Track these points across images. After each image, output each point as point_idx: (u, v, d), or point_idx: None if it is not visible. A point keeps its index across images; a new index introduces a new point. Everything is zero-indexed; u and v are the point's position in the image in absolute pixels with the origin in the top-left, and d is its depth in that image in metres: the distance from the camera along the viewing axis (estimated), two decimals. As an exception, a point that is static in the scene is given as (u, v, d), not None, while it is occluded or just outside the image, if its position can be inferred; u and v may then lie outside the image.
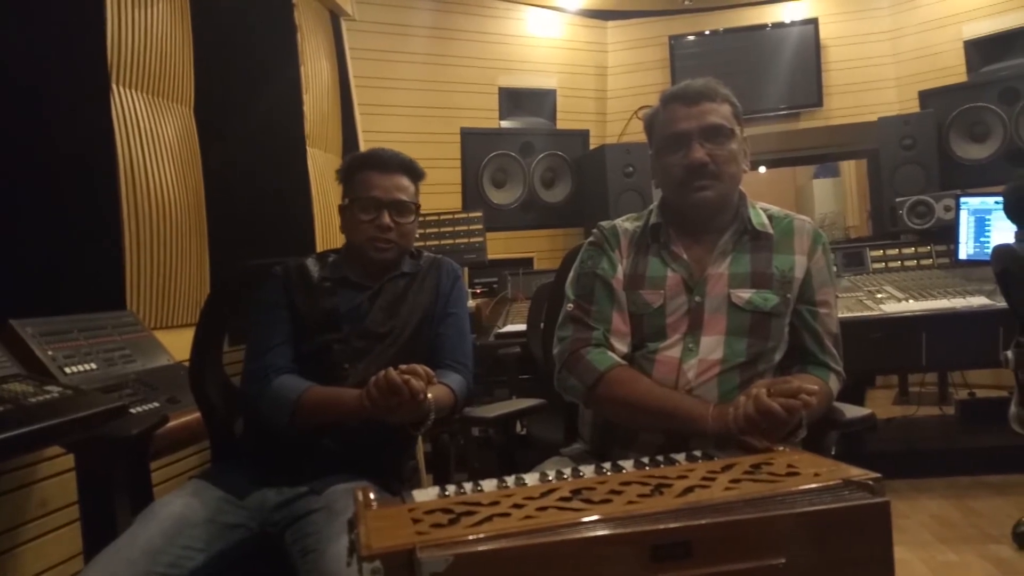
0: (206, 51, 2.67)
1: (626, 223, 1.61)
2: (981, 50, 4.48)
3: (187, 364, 1.79)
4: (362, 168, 1.72)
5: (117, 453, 1.59)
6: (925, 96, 4.35)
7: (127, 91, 2.26)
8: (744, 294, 1.47)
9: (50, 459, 1.78)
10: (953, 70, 4.57)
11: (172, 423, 1.66)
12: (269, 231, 3.05)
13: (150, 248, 2.29)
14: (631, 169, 4.43)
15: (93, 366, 1.79)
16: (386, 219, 1.68)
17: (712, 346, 1.46)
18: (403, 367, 1.40)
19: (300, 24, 3.49)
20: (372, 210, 1.68)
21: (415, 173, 1.76)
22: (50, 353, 1.72)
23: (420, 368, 1.41)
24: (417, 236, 1.81)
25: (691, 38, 5.15)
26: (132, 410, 1.60)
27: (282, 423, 1.55)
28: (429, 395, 1.44)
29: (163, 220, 2.35)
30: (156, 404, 1.73)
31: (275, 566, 1.46)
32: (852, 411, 1.51)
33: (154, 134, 2.34)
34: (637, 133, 4.75)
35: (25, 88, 1.93)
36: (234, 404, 1.73)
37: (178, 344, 2.01)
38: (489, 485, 1.05)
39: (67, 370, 1.72)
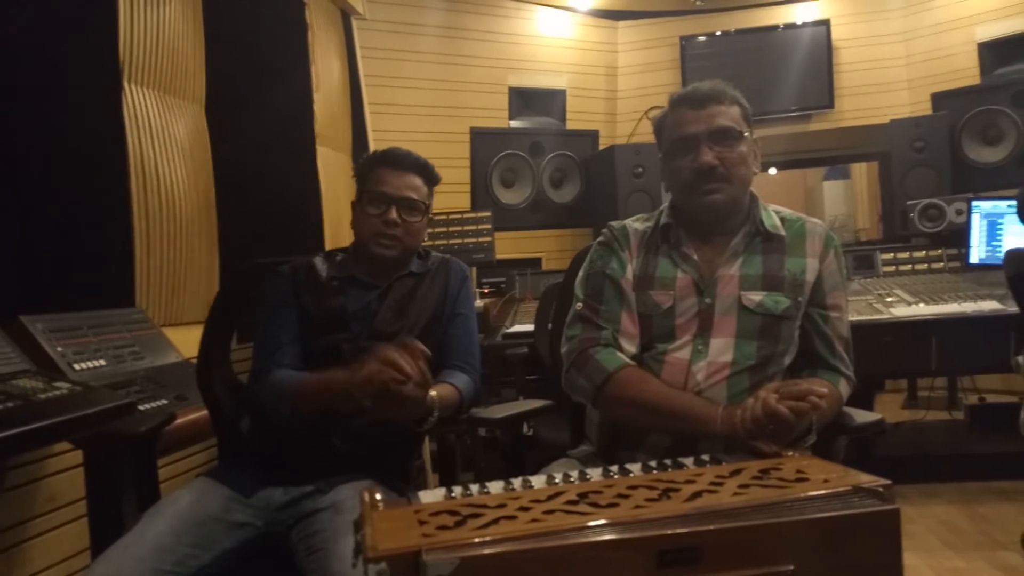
0: (217, 49, 2.67)
1: (636, 223, 1.61)
2: (994, 52, 4.44)
3: (195, 361, 1.80)
4: (377, 165, 1.73)
5: (125, 450, 1.59)
6: (937, 98, 4.33)
7: (138, 88, 2.27)
8: (755, 296, 1.46)
9: (59, 455, 1.79)
10: (966, 72, 4.54)
11: (180, 420, 1.67)
12: (279, 229, 3.06)
13: (160, 245, 2.30)
14: (640, 170, 4.42)
15: (102, 363, 1.80)
16: (393, 215, 1.67)
17: (722, 348, 1.45)
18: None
19: (311, 23, 3.50)
20: (381, 205, 1.68)
21: (429, 175, 1.76)
22: (60, 349, 1.73)
23: (415, 350, 1.39)
24: (425, 237, 1.81)
25: (702, 39, 5.14)
26: (140, 407, 1.61)
27: (282, 414, 1.55)
28: (432, 392, 1.43)
29: (173, 217, 2.36)
30: (164, 401, 1.74)
31: (281, 565, 1.46)
32: (861, 416, 1.50)
33: (165, 131, 2.35)
34: (647, 134, 4.74)
35: (37, 85, 1.94)
36: (241, 402, 1.74)
37: (187, 341, 2.01)
38: (495, 487, 1.05)
39: (76, 366, 1.73)
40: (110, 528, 1.52)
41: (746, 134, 1.51)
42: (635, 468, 1.13)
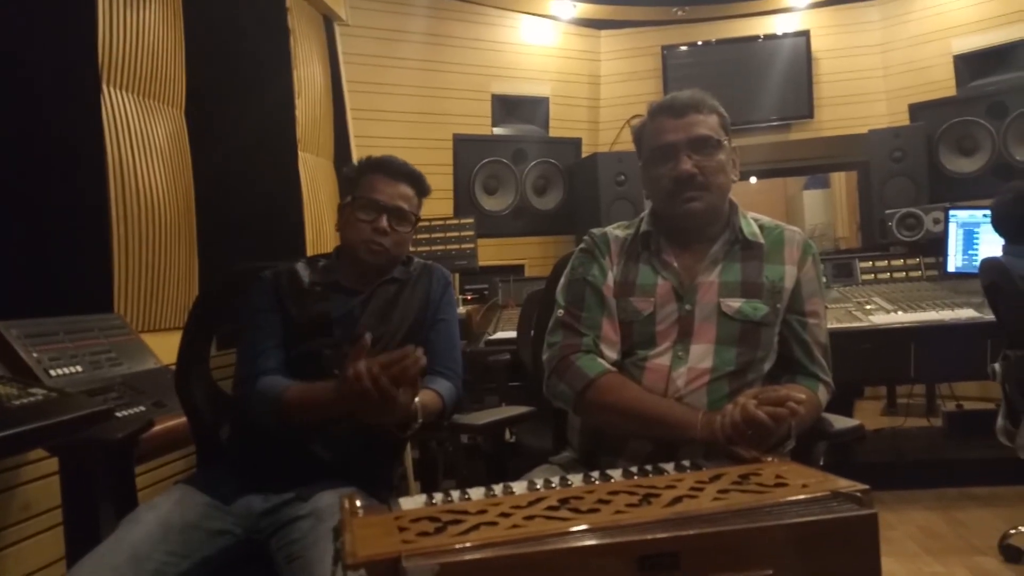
0: (198, 53, 2.66)
1: (617, 231, 1.61)
2: (970, 65, 4.52)
3: (174, 368, 1.78)
4: (370, 171, 1.73)
5: (102, 457, 1.57)
6: (915, 109, 4.39)
7: (118, 92, 2.25)
8: (734, 303, 1.48)
9: (34, 462, 1.76)
10: (942, 84, 4.62)
11: (158, 427, 1.64)
12: (259, 234, 3.04)
13: (138, 251, 2.28)
14: (623, 177, 4.44)
15: (79, 369, 1.78)
16: (383, 223, 1.67)
17: (701, 354, 1.46)
18: (384, 359, 1.36)
19: (293, 28, 3.49)
20: (372, 212, 1.68)
21: (421, 186, 1.76)
22: (35, 355, 1.71)
23: (407, 358, 1.35)
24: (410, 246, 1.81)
25: (684, 48, 5.18)
26: (117, 414, 1.59)
27: (269, 423, 1.54)
28: (416, 399, 1.43)
29: (152, 222, 2.34)
30: (142, 408, 1.71)
31: (261, 573, 1.44)
32: (840, 422, 1.51)
33: (144, 136, 2.33)
34: (629, 142, 4.72)
35: (15, 88, 1.92)
36: (220, 409, 1.72)
37: (165, 347, 1.99)
38: (476, 493, 1.05)
39: (52, 372, 1.70)
40: (86, 536, 1.50)
41: (724, 142, 1.52)
42: (616, 474, 1.13)
